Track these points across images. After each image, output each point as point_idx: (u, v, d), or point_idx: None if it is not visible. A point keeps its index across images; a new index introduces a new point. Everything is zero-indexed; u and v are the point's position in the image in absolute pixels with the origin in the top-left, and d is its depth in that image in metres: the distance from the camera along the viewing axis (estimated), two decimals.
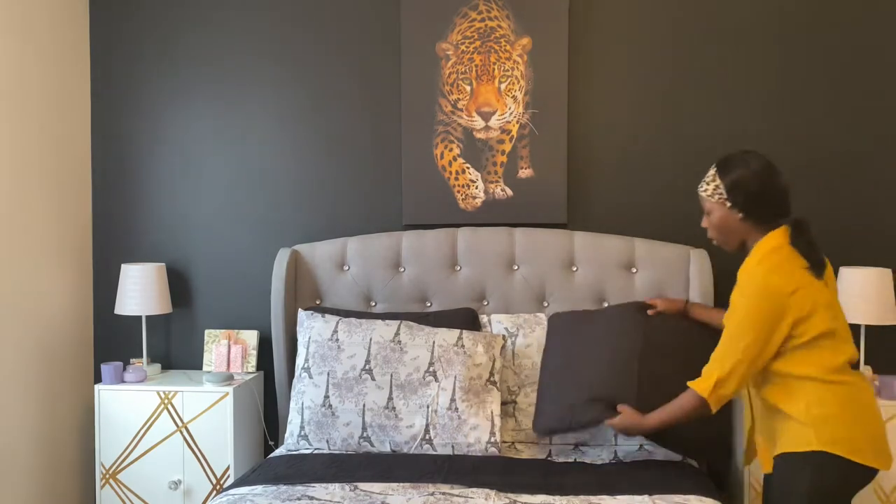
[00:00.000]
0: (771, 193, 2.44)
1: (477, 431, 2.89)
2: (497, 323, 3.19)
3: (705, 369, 2.40)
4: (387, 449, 2.94)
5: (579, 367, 2.91)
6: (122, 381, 3.34)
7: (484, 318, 3.23)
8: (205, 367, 3.50)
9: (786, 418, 2.34)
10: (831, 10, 3.32)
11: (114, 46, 3.60)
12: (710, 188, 2.47)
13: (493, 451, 2.89)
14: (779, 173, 2.46)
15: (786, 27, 3.34)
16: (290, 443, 3.04)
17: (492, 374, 2.99)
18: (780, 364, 2.34)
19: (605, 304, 3.25)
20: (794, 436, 2.31)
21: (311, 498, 2.46)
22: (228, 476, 3.23)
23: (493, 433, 2.90)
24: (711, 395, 2.36)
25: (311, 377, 3.03)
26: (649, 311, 2.99)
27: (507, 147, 3.42)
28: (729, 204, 2.44)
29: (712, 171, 2.47)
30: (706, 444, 2.88)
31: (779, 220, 2.43)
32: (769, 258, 2.37)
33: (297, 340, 3.22)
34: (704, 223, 2.53)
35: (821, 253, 2.40)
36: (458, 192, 3.45)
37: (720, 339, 2.40)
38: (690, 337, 2.89)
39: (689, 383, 2.43)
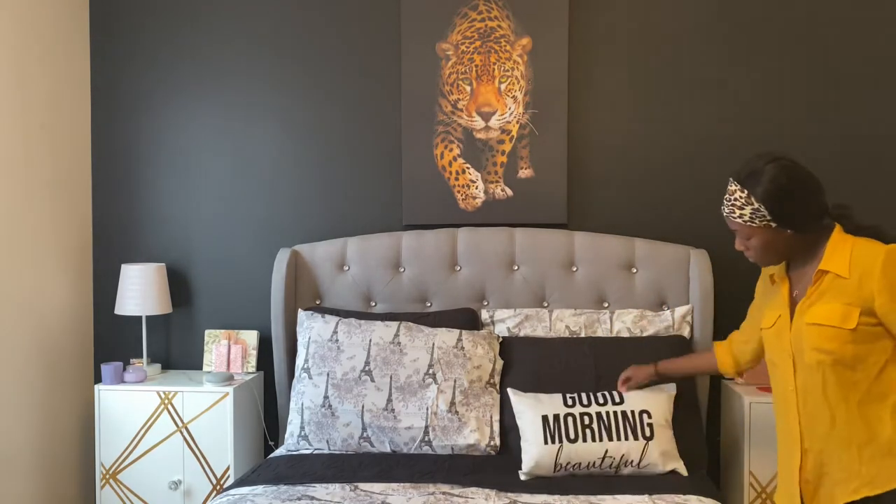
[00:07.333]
0: (813, 200, 2.08)
1: (477, 434, 2.89)
2: (500, 322, 3.20)
3: None
4: (387, 449, 2.94)
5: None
6: (122, 382, 3.34)
7: (486, 316, 3.24)
8: (205, 367, 3.50)
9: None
10: (830, 11, 3.31)
11: (114, 46, 3.60)
12: (747, 213, 2.06)
13: (492, 454, 2.89)
14: (808, 171, 2.09)
15: (785, 28, 3.34)
16: (291, 443, 3.04)
17: (492, 376, 2.99)
18: None
19: (606, 305, 3.25)
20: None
21: (312, 498, 2.46)
22: (228, 476, 3.23)
23: (492, 437, 2.90)
24: None
25: (310, 377, 3.03)
26: (621, 388, 2.81)
27: (507, 147, 3.42)
28: (775, 225, 2.06)
29: (741, 194, 2.06)
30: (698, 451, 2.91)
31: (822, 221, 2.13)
32: (873, 242, 2.06)
33: (297, 341, 3.22)
34: (739, 246, 2.17)
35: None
36: (458, 192, 3.45)
37: None
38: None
39: None
